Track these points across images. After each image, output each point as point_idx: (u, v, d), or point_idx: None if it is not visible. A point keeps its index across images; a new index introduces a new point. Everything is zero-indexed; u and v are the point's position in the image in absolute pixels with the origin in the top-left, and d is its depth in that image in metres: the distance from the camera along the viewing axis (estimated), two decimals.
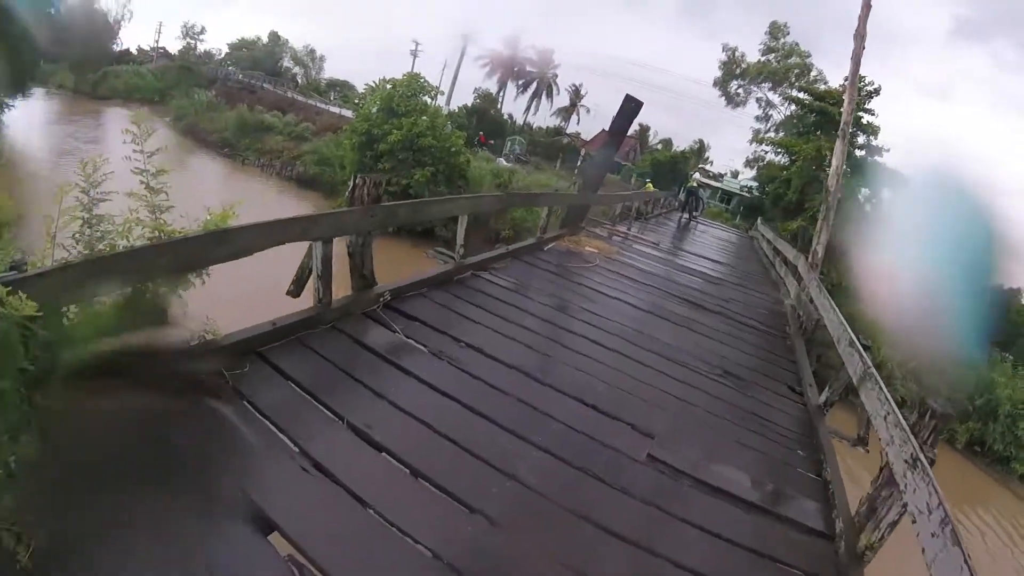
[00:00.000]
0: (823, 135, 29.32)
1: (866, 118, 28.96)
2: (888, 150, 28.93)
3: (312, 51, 72.40)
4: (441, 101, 45.94)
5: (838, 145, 9.68)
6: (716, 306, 8.73)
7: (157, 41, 68.12)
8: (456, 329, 5.01)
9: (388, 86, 28.46)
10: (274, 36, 69.96)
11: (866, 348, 5.18)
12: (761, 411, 5.32)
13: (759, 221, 26.64)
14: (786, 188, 29.72)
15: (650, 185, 42.05)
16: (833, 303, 6.89)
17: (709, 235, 21.97)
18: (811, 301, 8.16)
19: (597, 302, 7.11)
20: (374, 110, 27.40)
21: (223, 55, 65.85)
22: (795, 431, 5.11)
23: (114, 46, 67.59)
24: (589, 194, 10.78)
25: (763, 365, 6.87)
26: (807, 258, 9.42)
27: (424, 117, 26.78)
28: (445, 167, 26.59)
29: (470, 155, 29.78)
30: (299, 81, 65.83)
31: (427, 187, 26.16)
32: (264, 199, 27.53)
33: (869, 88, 29.14)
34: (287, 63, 71.35)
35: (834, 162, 9.68)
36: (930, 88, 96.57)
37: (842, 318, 6.25)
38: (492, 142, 47.10)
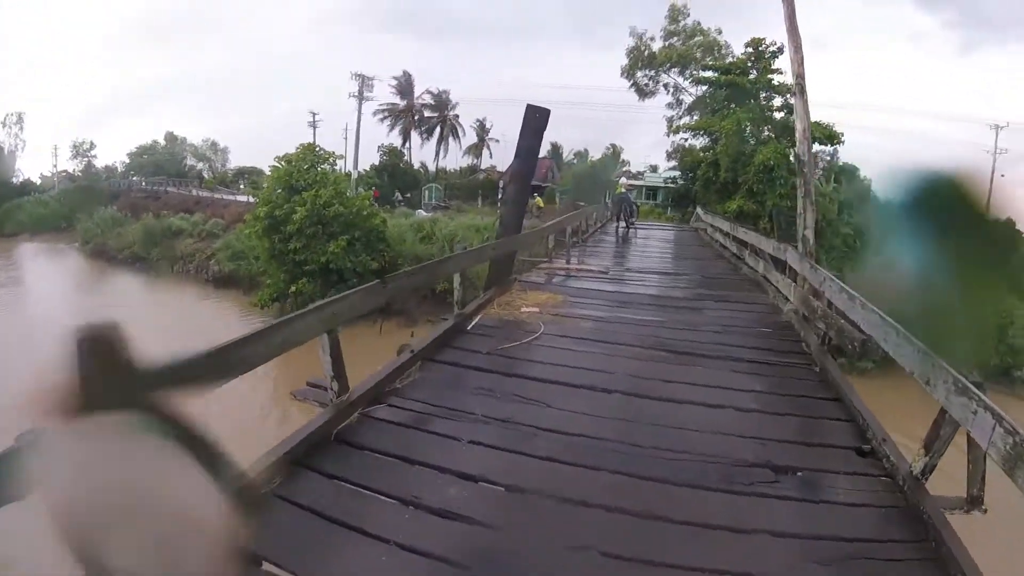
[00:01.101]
0: (737, 107, 28.28)
1: (776, 79, 28.02)
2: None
3: (214, 144, 70.74)
4: (349, 166, 44.26)
5: (798, 103, 7.69)
6: (709, 347, 6.37)
7: (55, 165, 66.99)
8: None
9: (284, 164, 26.50)
10: (171, 137, 68.38)
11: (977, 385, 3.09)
12: (836, 516, 3.31)
13: (699, 210, 24.93)
14: (715, 170, 28.06)
15: (539, 200, 40.92)
16: (880, 311, 4.78)
17: (653, 240, 19.91)
18: (830, 306, 6.08)
19: (556, 403, 4.60)
20: (278, 191, 25.45)
21: (124, 166, 63.87)
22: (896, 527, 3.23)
23: (14, 179, 65.78)
24: (510, 238, 8.61)
25: (805, 424, 4.69)
26: (797, 247, 7.44)
27: (325, 188, 24.85)
28: (361, 233, 24.77)
29: (384, 214, 28.02)
30: (205, 176, 63.84)
31: (346, 258, 24.44)
32: (183, 309, 25.63)
33: (772, 48, 28.32)
34: (190, 161, 69.41)
35: (798, 124, 7.68)
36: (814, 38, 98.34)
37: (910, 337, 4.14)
38: (404, 197, 45.29)
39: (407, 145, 55.46)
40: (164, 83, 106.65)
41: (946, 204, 2.88)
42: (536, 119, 8.49)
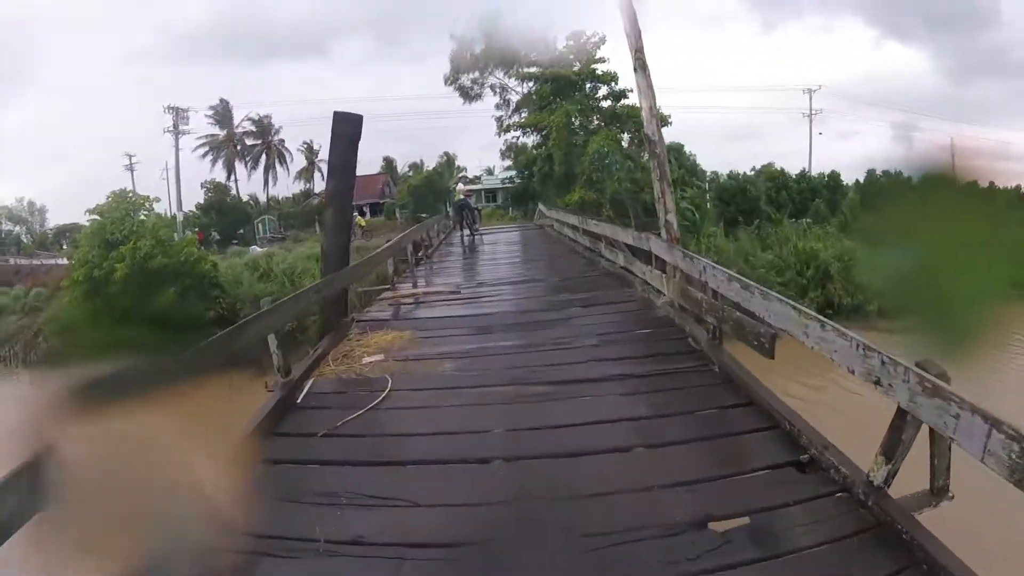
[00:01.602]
0: (563, 100, 28.36)
1: (600, 68, 28.31)
2: (631, 90, 28.38)
3: (31, 203, 63.44)
4: (173, 207, 40.65)
5: (640, 80, 6.97)
6: (589, 367, 5.36)
7: None
8: None
9: (95, 217, 23.82)
10: None
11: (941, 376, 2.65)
12: (809, 566, 2.66)
13: (541, 206, 24.54)
14: (550, 164, 27.81)
15: (360, 220, 39.50)
16: (790, 301, 4.02)
17: (501, 244, 18.91)
18: (715, 296, 5.31)
19: (422, 496, 3.34)
20: (94, 250, 22.50)
21: None
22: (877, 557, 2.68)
23: None
24: (336, 274, 7.06)
25: (728, 446, 3.83)
26: (661, 234, 6.71)
27: (144, 239, 22.35)
28: (191, 280, 22.43)
29: (213, 257, 25.65)
30: (23, 241, 57.89)
31: (178, 310, 21.63)
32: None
33: (594, 40, 28.63)
34: (6, 226, 62.17)
35: (643, 103, 6.96)
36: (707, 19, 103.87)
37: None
38: (237, 234, 42.02)
39: (232, 178, 52.09)
40: None
41: None
42: (347, 127, 7.07)
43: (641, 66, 6.73)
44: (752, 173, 30.11)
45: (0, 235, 59.09)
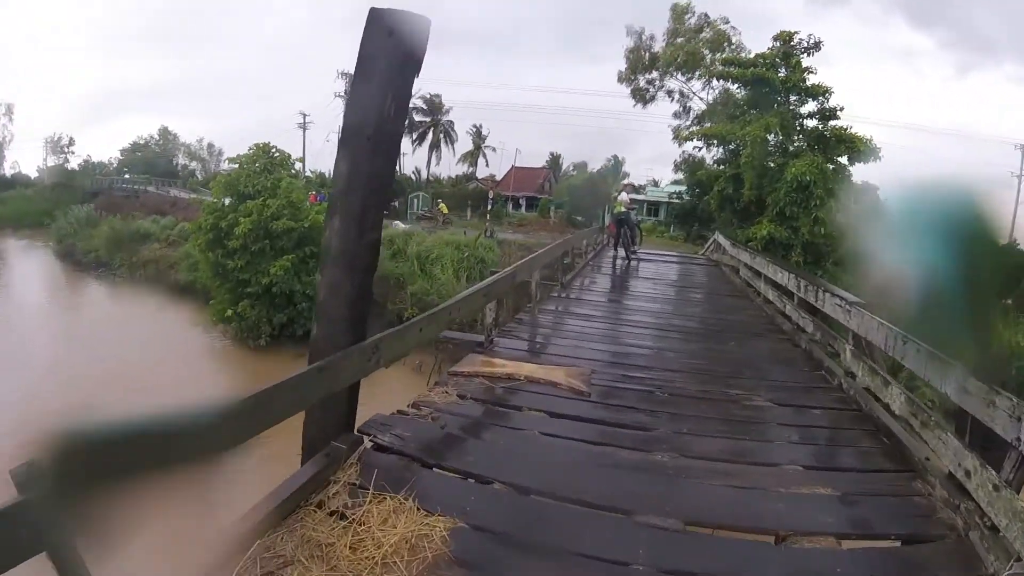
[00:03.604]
0: (760, 111, 23.10)
1: (810, 79, 22.27)
2: (843, 108, 22.15)
3: (210, 144, 67.08)
4: (330, 169, 40.29)
5: None
6: None
7: (45, 159, 63.76)
8: None
9: (234, 166, 22.94)
10: (164, 132, 64.45)
11: None
12: None
13: (719, 238, 18.98)
14: (735, 186, 22.51)
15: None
16: None
17: (664, 287, 13.05)
18: None
19: None
20: (225, 200, 21.59)
21: (118, 163, 59.89)
22: None
23: (7, 171, 63.57)
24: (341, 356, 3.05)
25: None
26: None
27: (273, 198, 20.65)
28: (314, 248, 20.32)
29: None
30: (198, 177, 59.90)
31: (295, 278, 20.44)
32: (136, 321, 22.54)
33: (805, 43, 22.73)
34: (183, 160, 66.10)
35: None
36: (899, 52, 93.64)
37: None
38: (393, 206, 41.05)
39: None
40: (165, 81, 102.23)
41: (963, 223, 2.53)
42: (400, 35, 3.09)
43: None
44: None
45: (176, 168, 61.76)
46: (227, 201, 21.33)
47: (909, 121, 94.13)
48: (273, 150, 22.42)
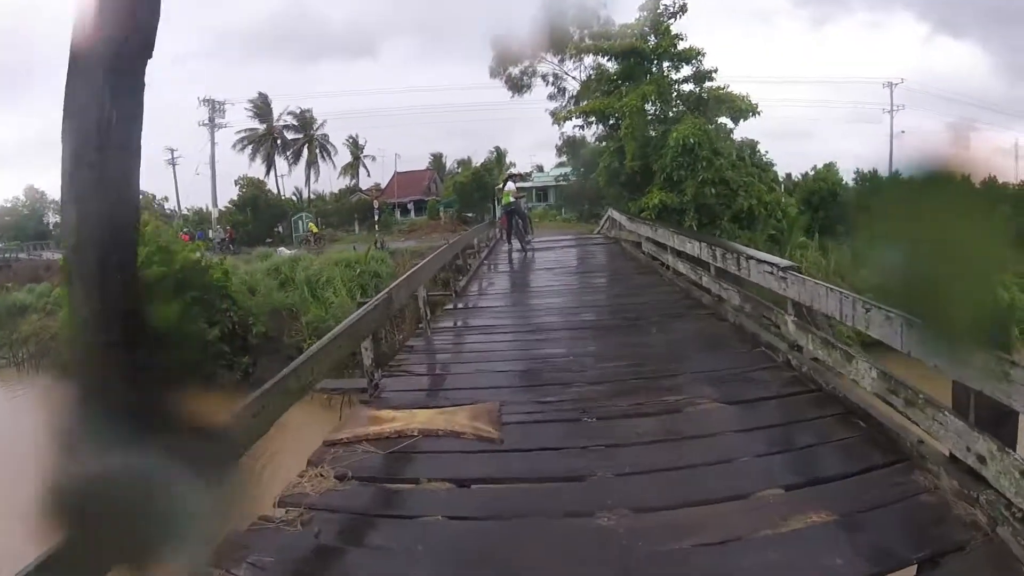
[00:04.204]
0: (635, 82, 22.73)
1: (680, 45, 22.05)
2: (716, 70, 22.18)
3: None
4: (207, 203, 39.00)
5: None
6: None
7: None
8: None
9: None
10: (30, 191, 58.08)
11: None
12: None
13: (613, 214, 18.38)
14: (619, 159, 22.10)
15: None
16: None
17: (567, 275, 12.20)
18: None
19: None
20: None
21: None
22: None
23: None
24: None
25: None
26: None
27: (141, 245, 17.93)
28: (199, 290, 18.53)
29: (230, 261, 22.86)
30: None
31: (184, 326, 17.57)
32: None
33: (672, 7, 22.26)
34: (53, 218, 58.85)
35: None
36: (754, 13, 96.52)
37: None
38: (276, 232, 38.64)
39: (273, 173, 48.62)
40: (26, 135, 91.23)
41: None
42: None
43: None
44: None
45: (49, 228, 56.18)
46: None
47: (781, 75, 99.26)
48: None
